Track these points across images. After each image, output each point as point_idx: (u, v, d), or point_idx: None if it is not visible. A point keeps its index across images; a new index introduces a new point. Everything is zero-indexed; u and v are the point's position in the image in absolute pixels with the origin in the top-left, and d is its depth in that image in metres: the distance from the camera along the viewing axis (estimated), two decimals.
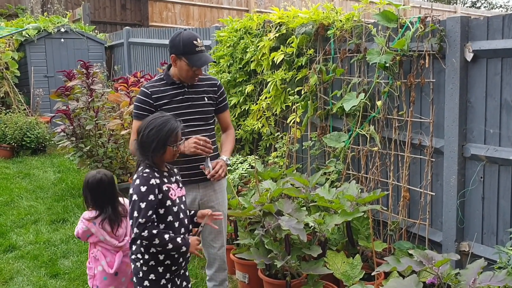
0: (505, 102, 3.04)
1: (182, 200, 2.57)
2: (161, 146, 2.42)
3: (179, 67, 2.83)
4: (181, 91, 2.91)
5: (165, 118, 2.47)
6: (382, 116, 3.80)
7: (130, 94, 5.43)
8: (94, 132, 5.91)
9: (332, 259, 3.16)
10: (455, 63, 3.21)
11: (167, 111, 2.82)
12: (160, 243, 2.37)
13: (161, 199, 2.41)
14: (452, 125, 3.27)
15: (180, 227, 2.50)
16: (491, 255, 3.04)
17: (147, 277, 2.46)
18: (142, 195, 2.36)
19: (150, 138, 2.41)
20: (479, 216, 3.23)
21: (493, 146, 3.12)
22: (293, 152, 4.76)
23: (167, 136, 2.42)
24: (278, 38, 4.71)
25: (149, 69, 8.82)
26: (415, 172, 3.63)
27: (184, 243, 2.43)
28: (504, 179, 3.08)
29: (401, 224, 3.69)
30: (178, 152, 2.52)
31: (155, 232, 2.35)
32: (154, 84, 2.94)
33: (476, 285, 2.21)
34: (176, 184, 2.55)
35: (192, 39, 2.79)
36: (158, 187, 2.41)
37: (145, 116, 2.80)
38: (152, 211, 2.37)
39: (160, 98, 2.88)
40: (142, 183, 2.38)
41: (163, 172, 2.51)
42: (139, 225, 2.34)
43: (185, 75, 2.84)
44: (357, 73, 4.00)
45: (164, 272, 2.48)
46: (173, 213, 2.47)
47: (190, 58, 2.78)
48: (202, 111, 2.95)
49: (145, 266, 2.47)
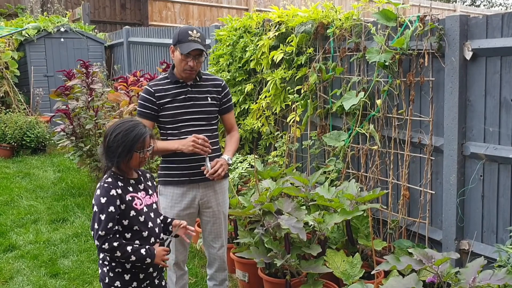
0: (504, 101, 3.04)
1: (152, 208, 2.48)
2: (127, 151, 2.32)
3: (175, 58, 2.85)
4: (184, 90, 2.91)
5: (133, 123, 2.38)
6: (381, 115, 3.79)
7: (130, 94, 5.43)
8: (94, 132, 5.91)
9: (332, 257, 3.16)
10: (454, 62, 3.21)
11: (169, 110, 2.85)
12: (123, 255, 2.31)
13: (124, 209, 2.33)
14: (451, 124, 3.27)
15: (149, 237, 2.42)
16: (491, 253, 3.04)
17: (113, 284, 2.39)
18: (102, 207, 2.28)
19: (116, 142, 2.31)
20: (479, 215, 3.23)
21: (492, 145, 3.12)
22: (293, 151, 4.76)
23: (133, 142, 2.32)
24: (278, 37, 4.71)
25: (149, 69, 8.82)
26: (415, 170, 3.63)
27: (148, 255, 2.35)
28: (503, 178, 3.08)
29: (401, 223, 3.69)
30: (145, 159, 2.42)
31: (115, 245, 2.28)
32: (158, 82, 2.94)
33: (476, 283, 2.21)
34: (144, 192, 2.46)
35: (188, 29, 2.83)
36: (120, 198, 2.32)
37: (148, 114, 2.88)
38: (113, 223, 2.29)
39: (163, 97, 2.88)
40: (102, 194, 2.30)
41: (129, 180, 2.42)
42: (99, 238, 2.27)
43: (180, 68, 2.85)
44: (357, 71, 4.00)
45: (131, 280, 2.40)
46: (140, 222, 2.38)
47: (181, 46, 2.81)
48: (204, 111, 2.93)
49: (111, 272, 2.39)
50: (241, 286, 3.73)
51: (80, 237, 4.74)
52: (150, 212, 2.45)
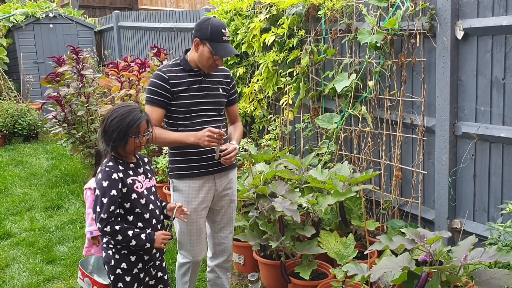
0: (495, 80, 3.05)
1: (151, 191, 2.52)
2: (122, 136, 2.34)
3: (200, 52, 2.68)
4: (198, 79, 2.77)
5: (129, 108, 2.39)
6: (373, 96, 3.80)
7: (121, 79, 5.39)
8: (86, 118, 5.88)
9: (326, 239, 3.19)
10: (446, 42, 3.21)
11: (183, 99, 2.71)
12: (123, 239, 2.35)
13: (125, 193, 2.37)
14: (443, 104, 3.28)
15: (151, 218, 2.46)
16: (483, 231, 3.08)
17: (119, 266, 2.44)
18: (104, 190, 2.31)
19: (113, 127, 2.34)
20: (470, 194, 3.26)
21: (484, 124, 3.13)
22: (286, 134, 4.76)
23: (128, 127, 2.34)
24: (269, 19, 4.68)
25: (140, 53, 8.74)
26: (407, 151, 3.65)
27: (148, 240, 2.39)
28: (495, 157, 3.11)
29: (393, 203, 3.72)
30: (142, 144, 2.44)
31: (117, 228, 2.32)
32: (171, 69, 2.76)
33: (467, 261, 2.23)
34: (143, 175, 2.49)
35: (221, 27, 2.65)
36: (122, 181, 2.36)
37: (161, 102, 2.69)
38: (115, 206, 2.33)
39: (177, 85, 2.72)
40: (104, 178, 2.33)
41: (129, 164, 2.45)
42: (102, 221, 2.31)
43: (205, 63, 2.70)
44: (349, 53, 3.99)
45: (137, 261, 2.45)
46: (141, 205, 2.42)
47: (215, 46, 2.64)
48: (216, 101, 2.82)
49: (117, 255, 2.44)
50: (237, 268, 3.76)
51: (75, 224, 4.74)
52: (150, 195, 2.49)
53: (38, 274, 3.80)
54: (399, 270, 2.31)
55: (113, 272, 2.46)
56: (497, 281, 2.23)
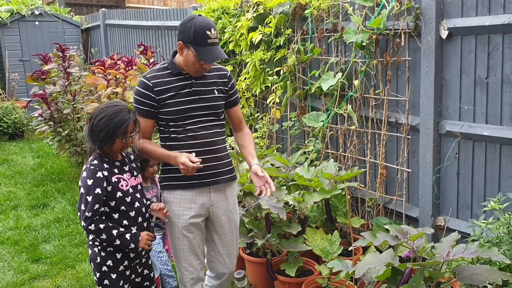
0: (479, 79, 3.10)
1: (137, 189, 2.51)
2: (110, 136, 2.34)
3: (185, 56, 2.45)
4: (188, 83, 2.52)
5: (117, 108, 2.37)
6: (359, 95, 3.83)
7: (107, 77, 5.37)
8: (72, 116, 5.85)
9: (312, 236, 3.22)
10: (431, 41, 3.25)
11: (172, 106, 2.49)
12: (108, 238, 2.36)
13: (110, 191, 2.37)
14: (427, 103, 3.32)
15: (136, 216, 2.47)
16: (466, 228, 3.13)
17: (105, 263, 2.44)
18: (88, 189, 2.32)
19: (100, 127, 2.33)
20: (454, 192, 3.31)
21: (467, 123, 3.18)
22: (273, 133, 4.78)
23: (116, 128, 2.33)
24: (256, 18, 4.69)
25: (127, 52, 8.70)
26: (391, 149, 3.69)
27: (132, 240, 2.39)
28: (478, 155, 3.15)
29: (378, 201, 3.76)
30: (129, 144, 2.43)
31: (102, 227, 2.33)
32: (156, 74, 2.53)
33: (450, 257, 2.27)
34: (129, 173, 2.49)
35: (205, 28, 2.38)
36: (107, 180, 2.36)
37: (147, 111, 2.49)
38: (99, 204, 2.33)
39: (164, 91, 2.49)
40: (88, 176, 2.34)
41: (115, 162, 2.45)
42: (86, 219, 2.31)
43: (190, 67, 2.47)
44: (335, 52, 4.02)
45: (122, 259, 2.46)
46: (126, 203, 2.43)
47: (199, 50, 2.39)
48: (211, 105, 2.56)
49: (103, 252, 2.44)
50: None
51: (61, 222, 4.71)
52: (136, 193, 2.50)
53: (23, 272, 3.78)
54: (383, 267, 2.34)
55: (99, 270, 2.46)
56: (479, 277, 2.28)
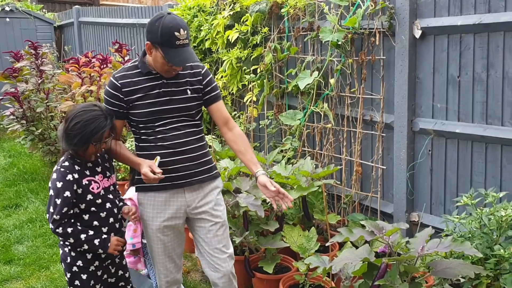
0: (451, 78, 3.17)
1: (109, 190, 2.48)
2: (84, 142, 2.30)
3: (153, 57, 2.36)
4: (158, 83, 2.41)
5: (94, 114, 2.32)
6: (335, 94, 3.88)
7: (82, 75, 5.29)
8: (45, 115, 5.75)
9: (289, 233, 3.24)
10: (404, 40, 3.31)
11: (141, 108, 2.40)
12: (75, 242, 2.33)
13: (80, 194, 2.34)
14: (401, 101, 3.38)
15: (107, 217, 2.44)
16: (439, 224, 3.20)
17: (75, 263, 2.41)
18: (58, 191, 2.29)
19: (75, 131, 2.29)
20: (427, 188, 3.38)
21: (440, 120, 3.25)
22: (250, 131, 4.79)
23: (91, 134, 2.29)
24: (233, 16, 4.69)
25: (101, 49, 8.58)
26: (366, 147, 3.75)
27: (101, 246, 2.37)
28: (450, 152, 3.23)
29: (354, 197, 3.81)
30: (103, 148, 2.40)
31: (69, 231, 2.30)
32: (126, 73, 2.43)
33: (424, 252, 2.32)
34: (101, 175, 2.45)
35: (174, 29, 2.26)
36: (77, 182, 2.33)
37: (116, 112, 2.42)
38: (68, 207, 2.30)
39: (133, 92, 2.40)
40: (58, 179, 2.31)
41: (87, 163, 2.41)
42: (54, 222, 2.29)
43: (160, 68, 2.38)
44: (311, 51, 4.05)
45: (93, 259, 2.43)
46: (97, 205, 2.40)
47: (167, 52, 2.29)
48: (184, 107, 2.45)
49: (73, 252, 2.41)
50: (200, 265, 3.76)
51: (34, 223, 4.63)
52: (108, 194, 2.46)
53: None
54: (359, 262, 2.38)
55: (69, 270, 2.43)
56: (452, 271, 2.33)
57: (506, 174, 2.95)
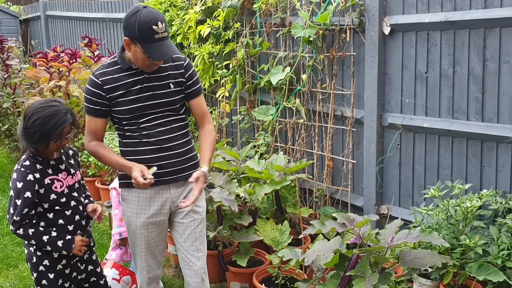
0: (419, 73, 3.26)
1: (74, 188, 2.43)
2: (44, 139, 2.25)
3: (133, 53, 2.31)
4: (140, 78, 2.37)
5: (53, 110, 2.26)
6: (307, 89, 3.92)
7: (50, 70, 5.19)
8: (12, 110, 5.63)
9: (262, 226, 3.28)
10: (374, 37, 3.38)
11: (123, 104, 2.35)
12: (38, 244, 2.29)
13: (43, 193, 2.30)
14: (371, 97, 3.46)
15: (73, 215, 2.40)
16: (407, 216, 3.28)
17: (41, 263, 2.36)
18: (18, 192, 2.24)
19: (34, 129, 2.23)
20: (396, 181, 3.47)
21: (408, 115, 3.34)
22: (223, 127, 4.80)
23: (51, 131, 2.24)
24: (204, 11, 4.68)
25: (70, 44, 8.41)
26: (337, 142, 3.81)
27: (65, 247, 2.32)
28: (418, 146, 3.32)
29: (325, 191, 3.88)
30: (64, 145, 2.36)
31: (30, 233, 2.26)
32: (106, 70, 2.38)
33: (394, 242, 2.39)
34: (65, 172, 2.41)
35: (151, 23, 2.21)
36: (38, 182, 2.28)
37: (98, 111, 2.37)
38: (29, 208, 2.25)
39: (114, 89, 2.35)
40: (18, 179, 2.25)
41: (49, 161, 2.36)
42: (14, 223, 2.24)
43: (140, 64, 2.33)
44: (283, 47, 4.09)
45: (60, 258, 2.39)
46: (61, 203, 2.35)
47: (146, 47, 2.24)
48: (168, 101, 2.41)
49: (39, 251, 2.36)
50: (174, 260, 3.76)
51: (1, 221, 4.53)
52: (72, 192, 2.42)
53: None
54: (331, 253, 2.43)
55: (35, 270, 2.38)
56: (420, 260, 2.41)
57: (471, 167, 3.06)
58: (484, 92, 2.95)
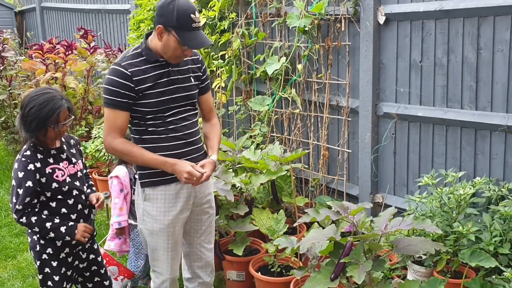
0: (413, 63, 3.27)
1: (76, 177, 2.45)
2: (41, 126, 2.27)
3: (165, 42, 2.25)
4: (166, 71, 2.33)
5: (48, 96, 2.29)
6: (302, 79, 3.93)
7: (46, 61, 5.18)
8: (8, 102, 5.62)
9: (258, 216, 3.30)
10: (369, 26, 3.38)
11: (151, 97, 2.29)
12: (41, 231, 2.32)
13: (45, 182, 2.32)
14: (366, 86, 3.47)
15: (75, 204, 2.42)
16: (402, 204, 3.31)
17: (44, 251, 2.39)
18: (19, 181, 2.27)
19: (31, 117, 2.25)
20: (391, 170, 3.49)
21: (403, 104, 3.35)
22: (220, 117, 4.80)
23: (47, 117, 2.25)
24: (200, 2, 4.67)
25: (65, 36, 8.38)
26: (333, 131, 3.83)
27: (68, 233, 2.35)
28: (413, 135, 3.34)
29: (321, 181, 3.90)
30: (64, 131, 2.36)
31: (33, 220, 2.29)
32: (132, 61, 2.29)
33: (387, 230, 2.41)
34: (66, 162, 2.43)
35: (189, 11, 2.20)
36: (39, 172, 2.30)
37: (124, 104, 2.27)
38: (31, 197, 2.28)
39: (143, 81, 2.27)
40: (20, 169, 2.28)
41: (50, 151, 2.38)
42: (17, 212, 2.28)
43: (170, 54, 2.28)
44: (279, 37, 4.09)
45: (63, 246, 2.42)
46: (63, 192, 2.37)
47: (183, 35, 2.21)
48: (189, 95, 2.41)
49: (42, 240, 2.39)
50: None
51: None
52: (74, 181, 2.44)
53: None
54: (326, 241, 2.45)
55: (39, 258, 2.41)
56: (413, 247, 2.44)
57: (465, 155, 3.08)
58: (478, 80, 2.96)
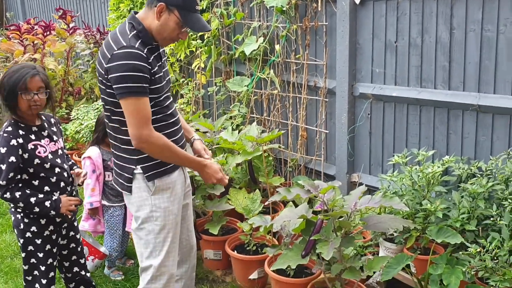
0: (389, 43, 3.28)
1: (57, 154, 2.47)
2: (12, 94, 2.30)
3: (163, 21, 2.13)
4: (158, 53, 2.24)
5: (19, 66, 2.36)
6: (281, 60, 3.93)
7: (24, 42, 5.12)
8: None
9: (235, 195, 3.33)
10: (345, 6, 3.38)
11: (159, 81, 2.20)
12: (25, 206, 2.34)
13: (27, 158, 2.34)
14: (343, 66, 3.48)
15: (58, 182, 2.45)
16: (377, 183, 3.36)
17: (28, 229, 2.42)
18: (2, 157, 2.28)
19: (3, 87, 2.31)
20: (366, 150, 3.53)
21: (378, 85, 3.37)
22: (199, 98, 4.81)
23: (16, 83, 2.28)
24: None
25: (46, 16, 8.27)
26: (311, 112, 3.85)
27: (52, 207, 2.38)
28: (388, 115, 3.37)
29: (299, 161, 3.94)
30: (37, 102, 2.33)
31: (17, 196, 2.31)
32: (138, 43, 2.13)
33: (357, 207, 2.46)
34: (48, 139, 2.45)
35: None
36: (22, 147, 2.32)
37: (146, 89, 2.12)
38: (15, 173, 2.31)
39: (153, 64, 2.16)
40: (2, 144, 2.30)
41: (31, 127, 2.40)
42: (0, 187, 2.29)
43: (166, 35, 2.17)
44: (257, 17, 4.07)
45: (47, 224, 2.45)
46: (46, 169, 2.39)
47: (186, 16, 2.13)
48: (170, 78, 2.41)
49: (26, 218, 2.42)
50: None
51: None
52: (56, 158, 2.46)
53: None
54: (297, 219, 2.50)
55: (22, 236, 2.44)
56: (382, 224, 2.49)
57: (438, 134, 3.12)
58: (451, 60, 2.99)
